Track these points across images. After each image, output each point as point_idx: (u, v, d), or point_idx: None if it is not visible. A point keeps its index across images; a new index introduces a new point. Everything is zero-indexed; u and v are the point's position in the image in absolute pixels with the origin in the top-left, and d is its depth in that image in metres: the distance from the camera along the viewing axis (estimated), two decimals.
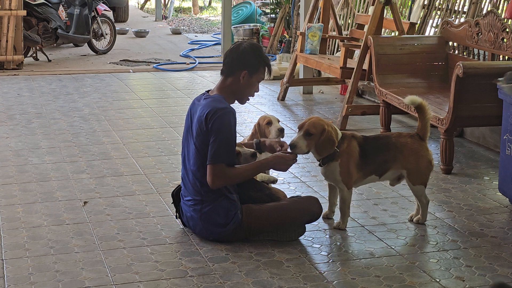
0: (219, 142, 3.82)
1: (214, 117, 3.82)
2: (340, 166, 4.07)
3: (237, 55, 3.96)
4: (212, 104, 3.88)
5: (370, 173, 4.18)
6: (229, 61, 3.97)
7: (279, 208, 4.00)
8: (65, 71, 9.77)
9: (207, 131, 3.86)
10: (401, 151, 4.16)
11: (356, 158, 4.09)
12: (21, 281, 3.50)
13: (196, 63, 10.39)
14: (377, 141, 4.22)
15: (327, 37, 7.98)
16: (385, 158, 4.17)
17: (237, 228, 3.92)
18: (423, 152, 4.19)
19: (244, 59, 3.94)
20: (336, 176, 4.09)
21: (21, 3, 9.67)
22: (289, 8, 11.41)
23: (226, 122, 3.83)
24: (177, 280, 3.52)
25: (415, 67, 6.44)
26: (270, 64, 4.04)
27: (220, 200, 3.92)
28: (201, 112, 3.90)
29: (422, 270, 3.66)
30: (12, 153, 5.72)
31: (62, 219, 4.31)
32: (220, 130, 3.82)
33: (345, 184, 4.10)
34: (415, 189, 4.21)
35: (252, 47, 3.99)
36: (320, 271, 3.65)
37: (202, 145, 3.90)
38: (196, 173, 3.95)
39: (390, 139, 4.22)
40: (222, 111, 3.84)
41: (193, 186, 3.98)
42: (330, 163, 4.07)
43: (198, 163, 3.93)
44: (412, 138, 4.21)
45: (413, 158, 4.17)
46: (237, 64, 3.94)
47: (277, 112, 7.33)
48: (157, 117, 7.01)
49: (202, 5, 21.16)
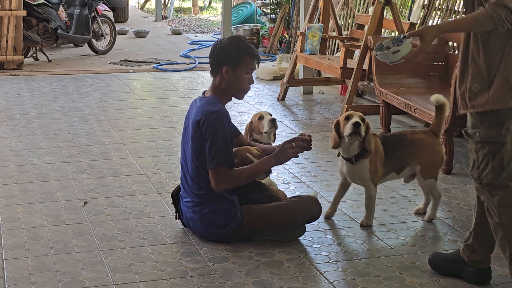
0: (217, 146, 3.82)
1: (206, 122, 3.82)
2: (370, 164, 4.13)
3: (216, 53, 3.97)
4: (204, 108, 3.88)
5: (390, 170, 4.27)
6: (211, 61, 4.00)
7: (279, 208, 4.00)
8: (65, 71, 9.77)
9: (201, 135, 3.86)
10: (418, 147, 4.27)
11: (381, 155, 4.18)
12: (21, 281, 3.50)
13: (196, 63, 10.40)
14: (395, 139, 4.33)
15: (327, 37, 7.99)
16: (403, 154, 4.27)
17: (237, 229, 3.92)
18: (437, 147, 4.32)
19: (223, 55, 3.93)
20: (365, 174, 4.14)
21: (21, 3, 9.67)
22: (289, 8, 11.41)
23: (219, 126, 3.82)
24: (177, 280, 3.52)
25: (415, 67, 6.44)
26: (253, 52, 3.96)
27: (220, 202, 3.92)
28: (195, 116, 3.91)
29: (422, 270, 3.66)
30: (12, 153, 5.72)
31: (62, 219, 4.31)
32: (215, 134, 3.81)
33: (372, 181, 4.17)
34: (427, 183, 4.30)
35: (229, 40, 3.98)
36: (320, 271, 3.65)
37: (198, 148, 3.90)
38: (194, 175, 3.95)
39: (406, 136, 4.32)
40: (214, 115, 3.83)
41: (191, 188, 3.98)
42: (361, 160, 4.11)
43: (195, 165, 3.94)
44: (426, 134, 4.33)
45: (428, 153, 4.29)
46: (218, 62, 3.95)
47: (277, 112, 7.33)
48: (157, 117, 7.01)
49: (202, 5, 21.16)
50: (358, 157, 4.11)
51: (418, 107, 5.62)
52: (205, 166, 3.90)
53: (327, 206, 4.48)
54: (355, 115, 4.07)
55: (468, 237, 3.50)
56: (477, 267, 3.47)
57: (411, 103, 5.74)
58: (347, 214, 4.45)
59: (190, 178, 3.97)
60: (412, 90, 6.14)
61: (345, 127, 4.05)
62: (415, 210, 4.47)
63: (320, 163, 5.55)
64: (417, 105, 5.65)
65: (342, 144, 4.12)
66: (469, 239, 3.48)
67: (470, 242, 3.47)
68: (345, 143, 4.10)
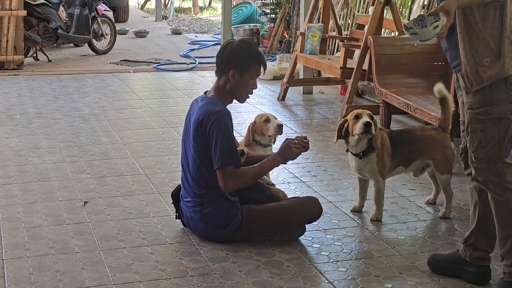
0: (221, 145, 3.81)
1: (209, 121, 3.81)
2: (377, 157, 4.24)
3: (225, 55, 3.93)
4: (207, 108, 3.87)
5: (398, 164, 4.38)
6: (219, 62, 3.97)
7: (279, 208, 4.00)
8: (65, 71, 9.77)
9: (204, 135, 3.85)
10: (427, 143, 4.39)
11: (388, 149, 4.30)
12: (21, 281, 3.50)
13: (196, 63, 10.40)
14: (402, 135, 4.44)
15: (327, 37, 7.99)
16: (411, 149, 4.38)
17: (237, 229, 3.92)
18: (447, 142, 4.42)
19: (232, 58, 3.91)
20: (373, 167, 4.25)
21: (21, 3, 9.67)
22: (289, 8, 11.41)
23: (222, 125, 3.82)
24: (177, 280, 3.52)
25: (415, 67, 6.44)
26: (262, 60, 3.97)
27: (220, 202, 3.92)
28: (196, 115, 3.89)
29: (422, 270, 3.66)
30: (12, 153, 5.72)
31: (62, 219, 4.31)
32: (219, 133, 3.81)
33: (380, 174, 4.27)
34: (443, 178, 4.39)
35: (240, 45, 3.95)
36: (320, 271, 3.65)
37: (199, 148, 3.90)
38: (195, 175, 3.95)
39: (415, 133, 4.45)
40: (217, 115, 3.82)
41: (192, 187, 3.98)
42: (369, 154, 4.22)
43: (196, 165, 3.93)
44: (436, 130, 4.45)
45: (439, 148, 4.39)
46: (226, 64, 3.92)
47: (277, 112, 7.33)
48: (157, 117, 7.01)
49: (202, 5, 21.17)
50: (366, 152, 4.22)
51: (418, 107, 5.62)
52: (206, 165, 3.89)
53: (327, 206, 4.49)
54: (364, 113, 4.16)
55: (468, 236, 3.50)
56: (479, 265, 3.49)
57: (411, 103, 5.74)
58: (347, 214, 4.45)
59: (191, 178, 3.97)
60: (412, 90, 6.15)
61: (355, 126, 4.14)
62: (426, 200, 4.63)
63: (320, 163, 5.56)
64: (417, 105, 5.65)
65: (351, 140, 4.21)
66: (470, 238, 3.49)
67: (472, 240, 3.48)
68: (353, 140, 4.19)
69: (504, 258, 3.37)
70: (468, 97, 3.29)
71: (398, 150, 4.34)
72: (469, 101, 3.29)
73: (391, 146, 4.31)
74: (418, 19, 3.29)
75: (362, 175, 4.36)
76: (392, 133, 4.44)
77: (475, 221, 3.47)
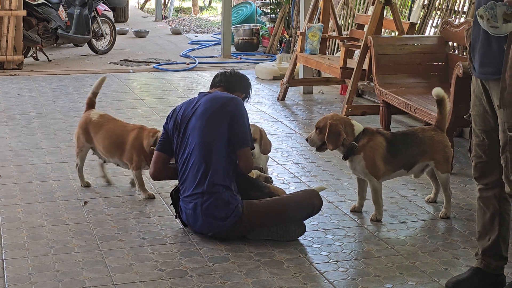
0: (243, 127, 4.02)
1: (232, 105, 4.03)
2: (365, 159, 4.27)
3: (238, 78, 4.29)
4: (223, 95, 4.12)
5: (399, 167, 4.40)
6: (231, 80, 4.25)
7: (280, 201, 4.05)
8: (65, 71, 9.77)
9: (222, 120, 3.98)
10: (429, 145, 4.41)
11: (381, 152, 4.31)
12: (21, 281, 3.50)
13: (196, 63, 10.40)
14: (405, 137, 4.45)
15: (327, 37, 7.98)
16: (414, 152, 4.39)
17: (237, 222, 3.91)
18: (446, 142, 4.46)
19: (243, 85, 4.30)
20: (363, 169, 4.29)
21: (21, 3, 9.67)
22: (289, 8, 11.41)
23: (243, 109, 4.06)
24: (177, 280, 3.52)
25: (415, 67, 6.44)
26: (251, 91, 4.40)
27: (221, 192, 3.91)
28: (212, 104, 4.03)
29: (422, 270, 3.66)
30: (12, 153, 5.72)
31: (62, 219, 4.31)
32: (243, 116, 4.03)
33: (373, 175, 4.30)
34: (443, 177, 4.43)
35: (243, 75, 4.35)
36: (320, 271, 3.65)
37: (215, 135, 3.98)
38: (202, 163, 3.96)
39: (417, 135, 4.45)
40: (237, 100, 4.08)
41: (197, 178, 3.95)
42: (352, 156, 4.29)
43: (206, 151, 3.97)
44: (435, 131, 4.47)
45: (440, 149, 4.42)
46: (238, 86, 4.26)
47: (277, 112, 7.34)
48: (157, 117, 7.01)
49: (202, 5, 21.17)
50: (347, 154, 4.30)
51: (418, 107, 5.62)
52: (218, 150, 3.95)
53: (327, 206, 4.49)
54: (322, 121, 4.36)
55: (490, 246, 3.40)
56: (500, 273, 3.43)
57: (411, 103, 5.73)
58: (347, 214, 4.45)
59: (196, 169, 3.95)
60: (412, 90, 6.14)
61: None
62: (426, 199, 4.67)
63: (320, 163, 5.55)
64: (417, 105, 5.64)
65: None
66: (492, 248, 3.39)
67: (495, 250, 3.39)
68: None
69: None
70: (503, 114, 3.13)
71: (399, 153, 4.35)
72: (508, 120, 3.12)
73: (391, 150, 4.32)
74: (489, 7, 3.02)
75: (356, 175, 4.42)
76: (394, 136, 4.43)
77: (497, 230, 3.38)
